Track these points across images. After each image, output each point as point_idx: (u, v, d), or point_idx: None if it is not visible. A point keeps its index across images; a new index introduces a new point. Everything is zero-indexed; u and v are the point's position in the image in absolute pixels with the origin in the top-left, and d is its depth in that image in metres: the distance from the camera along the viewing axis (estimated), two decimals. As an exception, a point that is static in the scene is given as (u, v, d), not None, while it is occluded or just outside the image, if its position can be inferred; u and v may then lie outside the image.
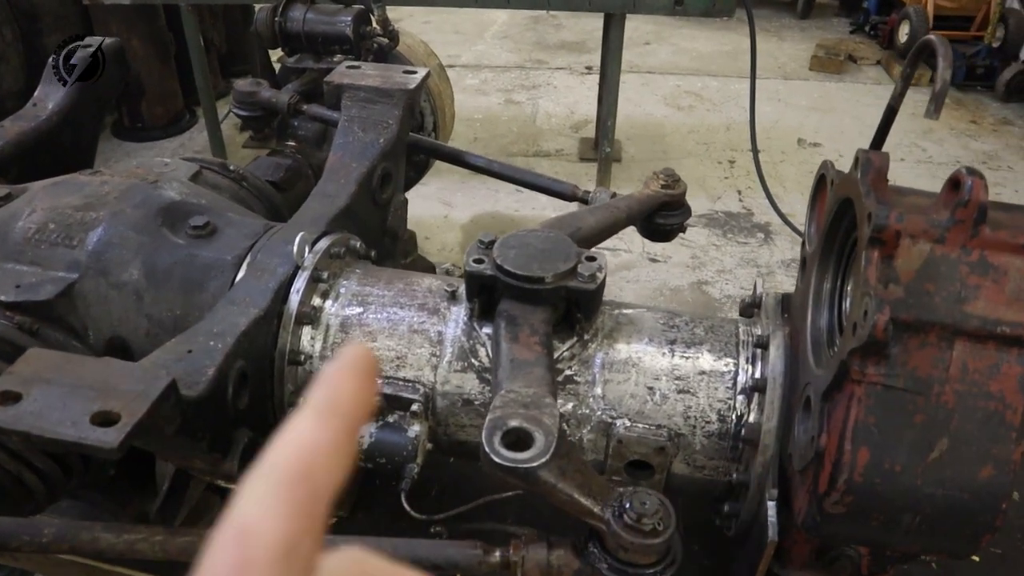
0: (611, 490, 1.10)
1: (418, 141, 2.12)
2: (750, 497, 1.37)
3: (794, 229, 3.77)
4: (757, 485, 1.35)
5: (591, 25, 6.42)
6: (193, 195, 1.66)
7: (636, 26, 6.48)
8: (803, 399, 1.26)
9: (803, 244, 1.48)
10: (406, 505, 1.35)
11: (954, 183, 1.09)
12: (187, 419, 1.10)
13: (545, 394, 1.16)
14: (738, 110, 5.22)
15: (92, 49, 2.07)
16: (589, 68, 5.73)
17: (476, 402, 1.45)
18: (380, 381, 1.46)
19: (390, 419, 1.43)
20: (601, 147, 3.78)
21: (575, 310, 1.41)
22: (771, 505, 1.29)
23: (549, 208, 4.09)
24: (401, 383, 1.45)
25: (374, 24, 2.29)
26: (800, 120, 5.11)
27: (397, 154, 1.91)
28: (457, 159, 2.06)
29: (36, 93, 2.02)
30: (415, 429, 1.41)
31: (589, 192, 1.97)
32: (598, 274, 1.39)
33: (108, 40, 2.13)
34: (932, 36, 1.76)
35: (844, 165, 1.25)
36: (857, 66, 5.80)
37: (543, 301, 1.37)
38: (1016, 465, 1.07)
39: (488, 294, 1.43)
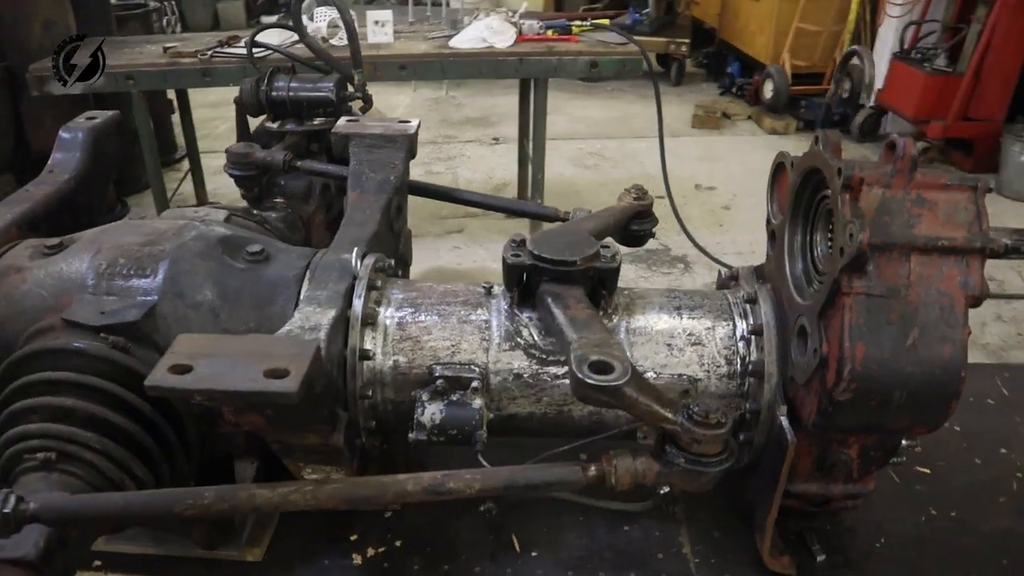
0: (676, 402, 1.36)
1: (413, 182, 2.38)
2: (762, 422, 1.65)
3: (710, 257, 4.23)
4: (767, 410, 1.64)
5: (489, 103, 6.93)
6: (235, 231, 1.85)
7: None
8: (796, 329, 1.58)
9: (768, 220, 1.83)
10: (484, 463, 1.56)
11: (890, 145, 1.46)
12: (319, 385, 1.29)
13: (609, 338, 1.43)
14: (636, 165, 5.78)
15: (96, 121, 2.23)
16: (496, 139, 6.19)
17: (524, 375, 1.69)
18: (439, 367, 1.68)
19: (453, 398, 1.65)
20: (533, 199, 4.14)
21: (599, 288, 1.69)
22: (783, 418, 1.58)
23: (488, 259, 4.41)
24: (458, 366, 1.67)
25: (352, 88, 2.56)
26: (693, 169, 5.71)
27: (403, 190, 2.16)
28: (449, 196, 2.33)
29: (51, 161, 2.16)
30: (477, 402, 1.63)
31: (569, 212, 2.28)
32: (617, 256, 1.69)
33: (110, 112, 2.30)
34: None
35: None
36: (732, 121, 6.55)
37: (576, 280, 1.65)
38: (966, 342, 1.42)
39: (525, 283, 1.69)
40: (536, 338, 1.68)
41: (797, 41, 6.18)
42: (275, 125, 2.60)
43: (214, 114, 6.23)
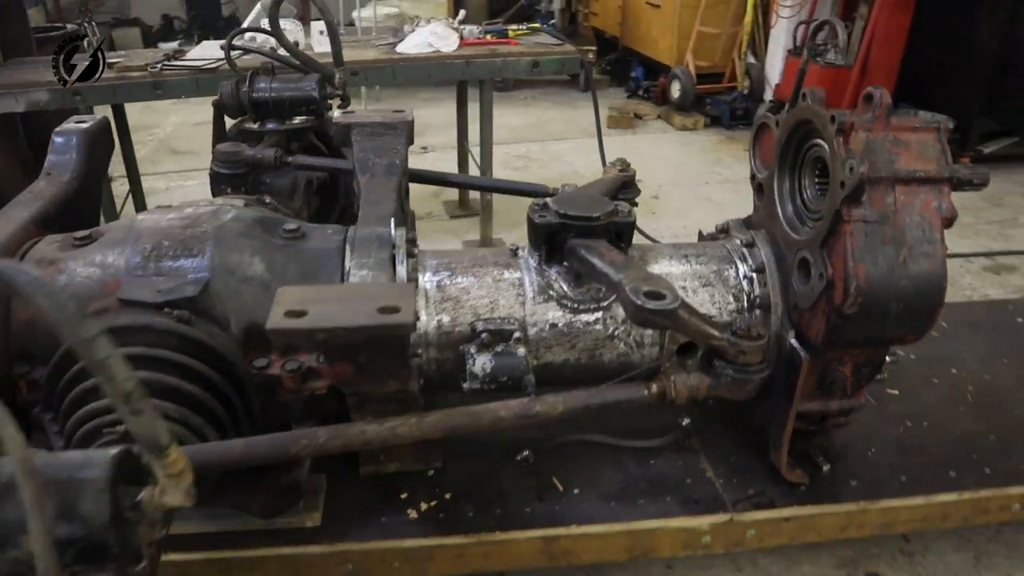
0: (718, 323, 1.55)
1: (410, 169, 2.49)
2: (770, 349, 1.87)
3: (649, 238, 4.49)
4: (775, 338, 1.85)
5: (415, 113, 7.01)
6: (265, 213, 1.92)
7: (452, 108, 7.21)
8: (796, 262, 1.80)
9: (752, 176, 2.05)
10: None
11: (867, 96, 1.70)
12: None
13: (652, 274, 1.60)
14: (563, 164, 6.03)
15: (88, 124, 2.23)
16: (424, 148, 6.30)
17: (559, 324, 1.84)
18: (480, 323, 1.80)
19: (499, 349, 1.77)
20: (483, 197, 4.28)
21: (617, 240, 1.87)
22: (793, 341, 1.79)
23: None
24: (499, 320, 1.80)
25: (334, 86, 2.64)
26: (616, 166, 6.01)
27: (407, 173, 2.27)
28: (442, 180, 2.45)
29: (47, 164, 2.14)
30: (521, 351, 1.76)
31: (556, 189, 2.44)
32: (632, 212, 1.87)
33: (98, 116, 2.30)
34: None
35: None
36: (643, 121, 6.93)
37: (599, 234, 1.81)
38: (945, 258, 1.67)
39: (551, 241, 1.84)
40: (567, 289, 1.84)
41: (699, 44, 6.63)
42: (255, 125, 2.64)
43: (141, 137, 6.07)
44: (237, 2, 9.11)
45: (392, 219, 1.93)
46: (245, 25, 4.56)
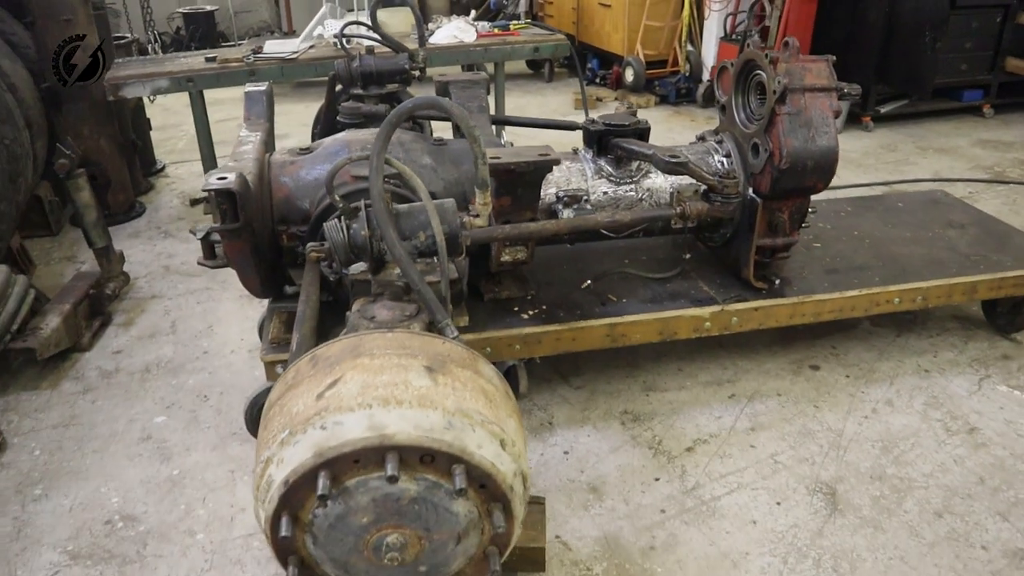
0: (710, 177, 2.66)
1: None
2: (734, 207, 2.99)
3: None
4: (740, 201, 2.98)
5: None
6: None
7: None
8: (750, 146, 2.94)
9: (717, 101, 3.19)
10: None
11: (785, 43, 2.85)
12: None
13: (670, 149, 2.71)
14: (543, 138, 7.17)
15: (265, 87, 3.22)
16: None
17: (609, 192, 2.93)
18: (561, 192, 2.88)
19: (574, 207, 2.86)
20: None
21: (640, 139, 2.97)
22: (751, 193, 2.92)
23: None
24: (572, 190, 2.89)
25: (416, 62, 3.68)
26: (585, 140, 7.18)
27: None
28: (504, 121, 3.51)
29: (245, 112, 3.11)
30: (589, 206, 2.86)
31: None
32: (647, 122, 2.98)
33: (266, 83, 3.28)
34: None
35: None
36: (603, 102, 8.10)
37: (630, 135, 2.92)
38: (836, 135, 2.82)
39: (600, 142, 2.94)
40: (612, 171, 2.94)
41: (646, 36, 7.82)
42: (362, 91, 3.66)
43: (174, 133, 6.95)
44: (232, 22, 10.14)
45: (493, 133, 3.00)
46: (311, 26, 5.49)
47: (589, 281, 3.02)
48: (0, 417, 3.10)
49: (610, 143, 2.91)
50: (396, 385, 1.58)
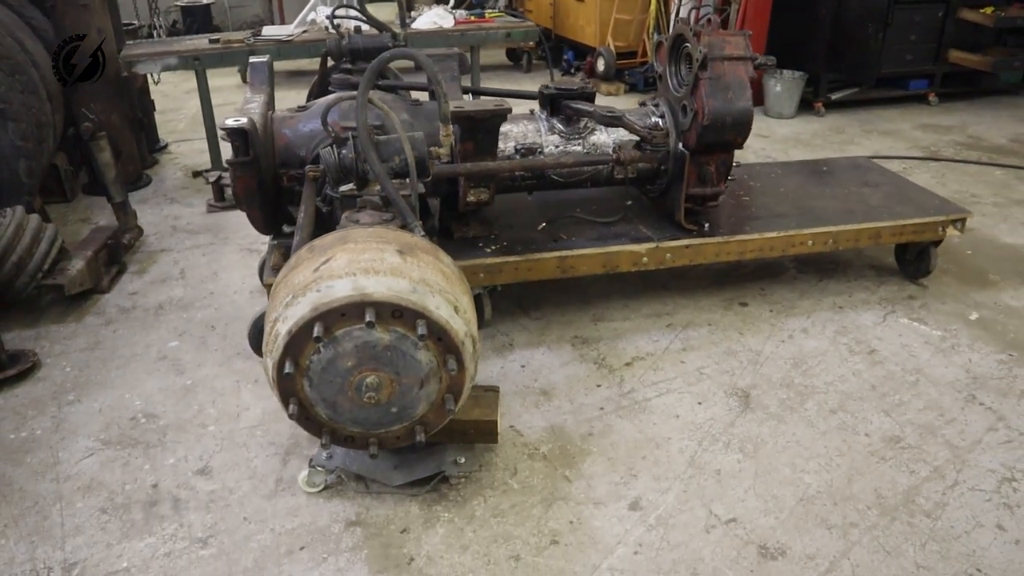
0: (640, 128, 3.17)
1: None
2: (670, 156, 3.50)
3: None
4: (672, 149, 3.49)
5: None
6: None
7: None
8: (680, 108, 3.45)
9: (655, 71, 3.70)
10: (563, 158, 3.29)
11: (708, 19, 3.37)
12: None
13: (614, 108, 3.22)
14: (519, 125, 7.70)
15: (266, 58, 3.71)
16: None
17: (560, 146, 3.44)
18: (519, 145, 3.38)
19: (530, 157, 3.36)
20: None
21: (587, 100, 3.48)
22: (681, 147, 3.44)
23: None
24: (529, 144, 3.39)
25: (398, 40, 4.17)
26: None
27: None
28: (473, 91, 4.01)
29: (249, 80, 3.60)
30: (543, 156, 3.36)
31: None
32: (592, 85, 3.49)
33: (267, 56, 3.77)
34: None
35: None
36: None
37: (578, 97, 3.43)
38: (751, 98, 3.34)
39: (553, 103, 3.45)
40: (563, 128, 3.45)
41: (616, 29, 8.35)
42: (351, 65, 4.15)
43: (174, 116, 7.42)
44: (227, 15, 10.64)
45: (461, 99, 3.51)
46: (305, 12, 5.98)
47: (544, 223, 3.53)
48: (34, 343, 3.57)
49: (561, 104, 3.42)
50: (375, 260, 2.08)
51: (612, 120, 3.09)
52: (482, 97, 3.76)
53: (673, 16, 8.23)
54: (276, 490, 2.67)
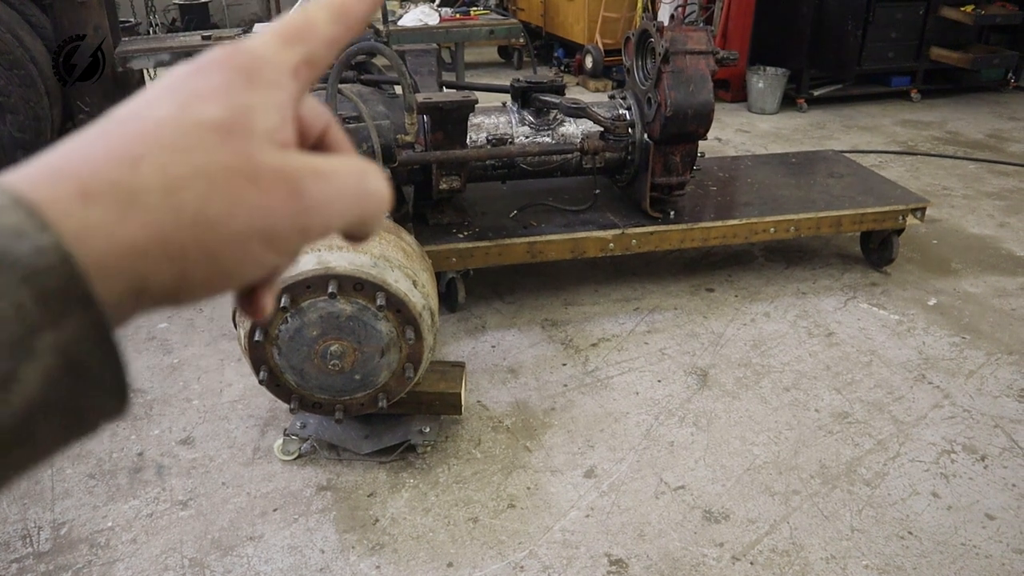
0: (604, 119, 3.34)
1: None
2: (636, 148, 3.66)
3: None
4: (638, 140, 3.65)
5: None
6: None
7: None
8: (645, 100, 3.61)
9: (624, 66, 3.86)
10: (528, 147, 3.45)
11: (672, 17, 3.53)
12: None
13: (580, 101, 3.39)
14: (508, 121, 7.87)
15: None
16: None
17: (529, 136, 3.60)
18: (491, 136, 3.55)
19: (501, 147, 3.53)
20: (456, 129, 6.02)
21: (556, 93, 3.64)
22: (647, 138, 3.60)
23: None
24: (500, 134, 3.56)
25: (381, 35, 4.34)
26: (548, 120, 7.87)
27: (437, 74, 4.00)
28: (452, 85, 4.18)
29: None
30: (512, 148, 3.52)
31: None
32: (563, 78, 3.65)
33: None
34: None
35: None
36: (567, 88, 8.79)
37: (548, 91, 3.59)
38: (712, 91, 3.50)
39: (523, 96, 3.61)
40: (532, 119, 3.61)
41: (604, 26, 8.51)
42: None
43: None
44: (225, 13, 10.83)
45: (437, 92, 3.67)
46: (295, 8, 6.19)
47: (516, 211, 3.69)
48: (29, 325, 3.74)
49: (531, 97, 3.58)
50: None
51: (577, 111, 3.25)
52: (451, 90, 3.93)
53: (658, 10, 8.41)
54: (253, 458, 2.84)
